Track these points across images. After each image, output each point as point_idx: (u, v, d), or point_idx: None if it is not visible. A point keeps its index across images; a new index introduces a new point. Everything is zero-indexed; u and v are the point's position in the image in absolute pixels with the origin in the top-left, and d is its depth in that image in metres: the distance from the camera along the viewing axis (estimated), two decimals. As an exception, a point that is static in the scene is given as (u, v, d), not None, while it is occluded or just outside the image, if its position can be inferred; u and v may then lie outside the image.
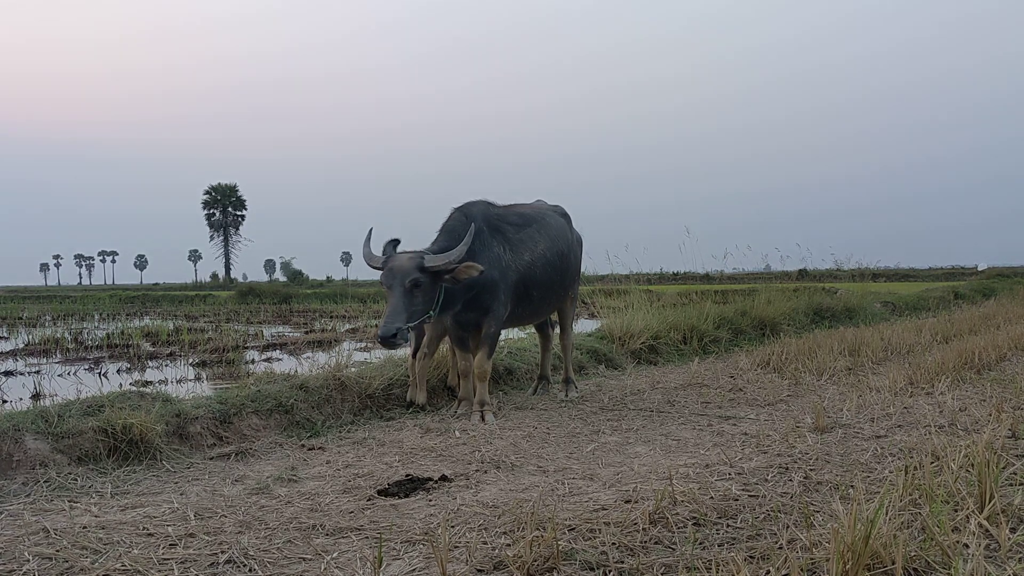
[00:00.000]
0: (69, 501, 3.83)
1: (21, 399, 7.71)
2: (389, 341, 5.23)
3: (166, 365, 10.56)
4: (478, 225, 6.02)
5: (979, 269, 49.98)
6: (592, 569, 2.80)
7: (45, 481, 4.10)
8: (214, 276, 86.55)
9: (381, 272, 5.63)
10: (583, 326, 11.90)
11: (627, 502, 3.53)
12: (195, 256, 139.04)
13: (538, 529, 3.06)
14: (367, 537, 3.26)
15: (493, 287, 6.00)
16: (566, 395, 6.97)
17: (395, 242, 6.00)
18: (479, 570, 2.83)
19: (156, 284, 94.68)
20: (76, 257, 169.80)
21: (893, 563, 2.54)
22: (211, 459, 4.76)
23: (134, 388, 6.09)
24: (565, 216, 7.18)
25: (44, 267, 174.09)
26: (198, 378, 9.44)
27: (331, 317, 20.80)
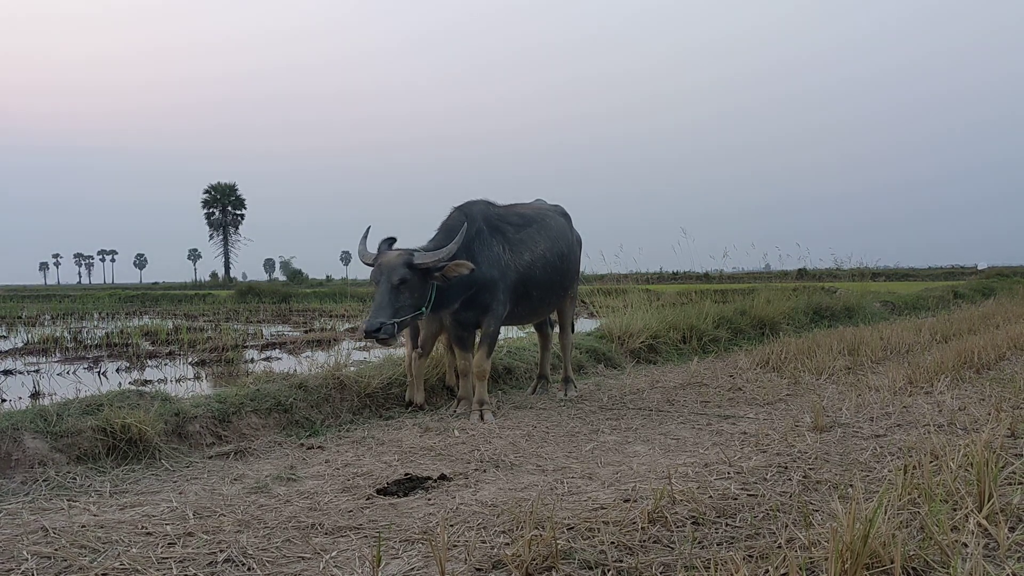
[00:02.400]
0: (68, 500, 3.83)
1: (20, 398, 7.70)
2: (372, 335, 5.29)
3: (165, 364, 10.55)
4: (478, 225, 6.02)
5: (979, 268, 49.99)
6: (591, 568, 2.80)
7: (44, 480, 4.10)
8: (213, 275, 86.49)
9: (371, 268, 5.66)
10: (582, 326, 11.90)
11: (626, 501, 3.52)
12: (194, 255, 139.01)
13: (537, 528, 3.05)
14: (366, 536, 3.26)
15: (492, 286, 6.00)
16: (565, 394, 6.97)
17: (390, 240, 6.00)
18: (478, 569, 2.83)
19: (155, 283, 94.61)
20: (75, 256, 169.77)
21: (892, 562, 2.54)
22: (210, 458, 4.76)
23: (133, 387, 6.09)
24: (565, 216, 7.18)
25: (43, 266, 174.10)
26: (197, 377, 9.43)
27: (330, 316, 20.80)
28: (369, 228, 6.04)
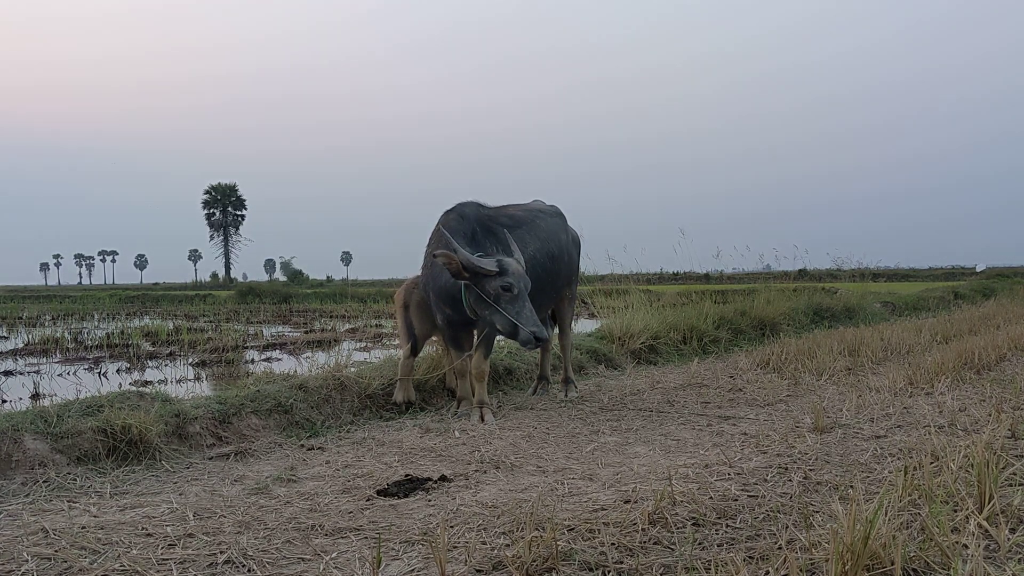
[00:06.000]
0: (68, 501, 3.83)
1: (20, 399, 7.72)
2: (545, 341, 5.69)
3: (166, 365, 10.55)
4: (472, 227, 6.01)
5: (978, 270, 49.98)
6: (591, 569, 2.79)
7: (44, 481, 4.10)
8: (214, 276, 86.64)
9: (507, 275, 5.51)
10: (583, 326, 11.90)
11: (626, 502, 3.52)
12: (195, 256, 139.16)
13: (537, 529, 3.05)
14: (366, 537, 3.26)
15: None
16: (566, 395, 6.97)
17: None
18: (478, 570, 2.83)
19: (156, 284, 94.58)
20: (76, 257, 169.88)
21: (892, 564, 2.54)
22: (210, 459, 4.76)
23: (133, 388, 6.09)
24: (560, 216, 7.10)
25: (44, 267, 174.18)
26: (198, 378, 9.44)
27: (331, 317, 20.81)
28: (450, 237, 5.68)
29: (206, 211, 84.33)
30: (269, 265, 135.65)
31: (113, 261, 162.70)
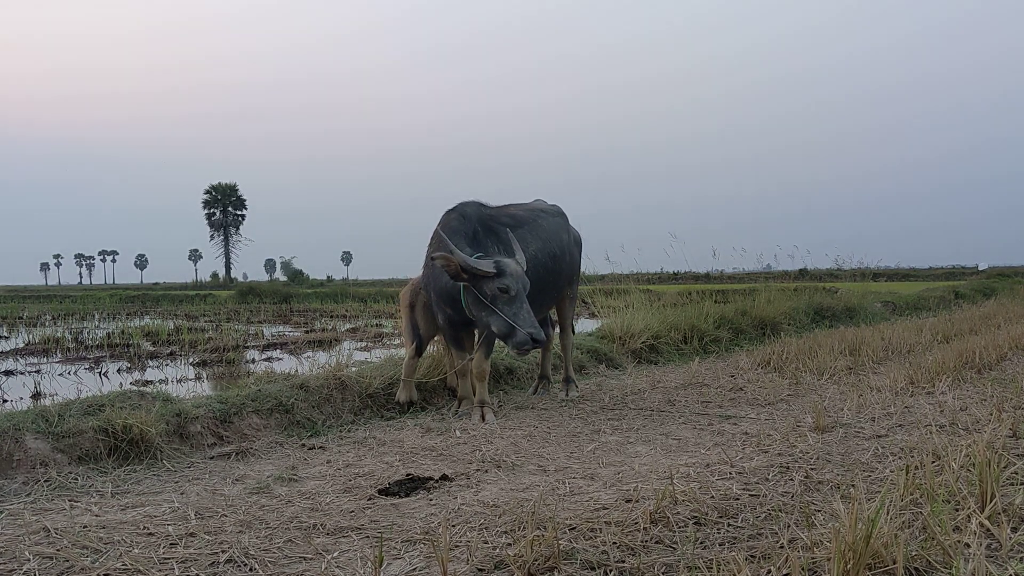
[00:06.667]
0: (69, 501, 3.83)
1: (21, 399, 7.72)
2: (542, 342, 5.54)
3: (166, 365, 10.55)
4: (474, 227, 6.01)
5: (980, 269, 50.00)
6: (593, 568, 2.80)
7: (45, 481, 4.10)
8: (214, 276, 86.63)
9: (505, 276, 5.46)
10: (583, 326, 11.90)
11: (628, 501, 3.52)
12: (195, 256, 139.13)
13: (539, 528, 3.05)
14: (367, 537, 3.26)
15: None
16: (566, 395, 6.96)
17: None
18: (480, 569, 2.83)
19: (156, 284, 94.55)
20: (76, 256, 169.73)
21: (894, 563, 2.54)
22: (211, 459, 4.76)
23: (134, 388, 6.09)
24: (561, 215, 7.08)
25: (44, 266, 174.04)
26: (198, 378, 9.43)
27: (331, 317, 20.81)
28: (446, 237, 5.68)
29: (206, 211, 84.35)
30: (269, 265, 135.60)
31: (113, 261, 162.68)
